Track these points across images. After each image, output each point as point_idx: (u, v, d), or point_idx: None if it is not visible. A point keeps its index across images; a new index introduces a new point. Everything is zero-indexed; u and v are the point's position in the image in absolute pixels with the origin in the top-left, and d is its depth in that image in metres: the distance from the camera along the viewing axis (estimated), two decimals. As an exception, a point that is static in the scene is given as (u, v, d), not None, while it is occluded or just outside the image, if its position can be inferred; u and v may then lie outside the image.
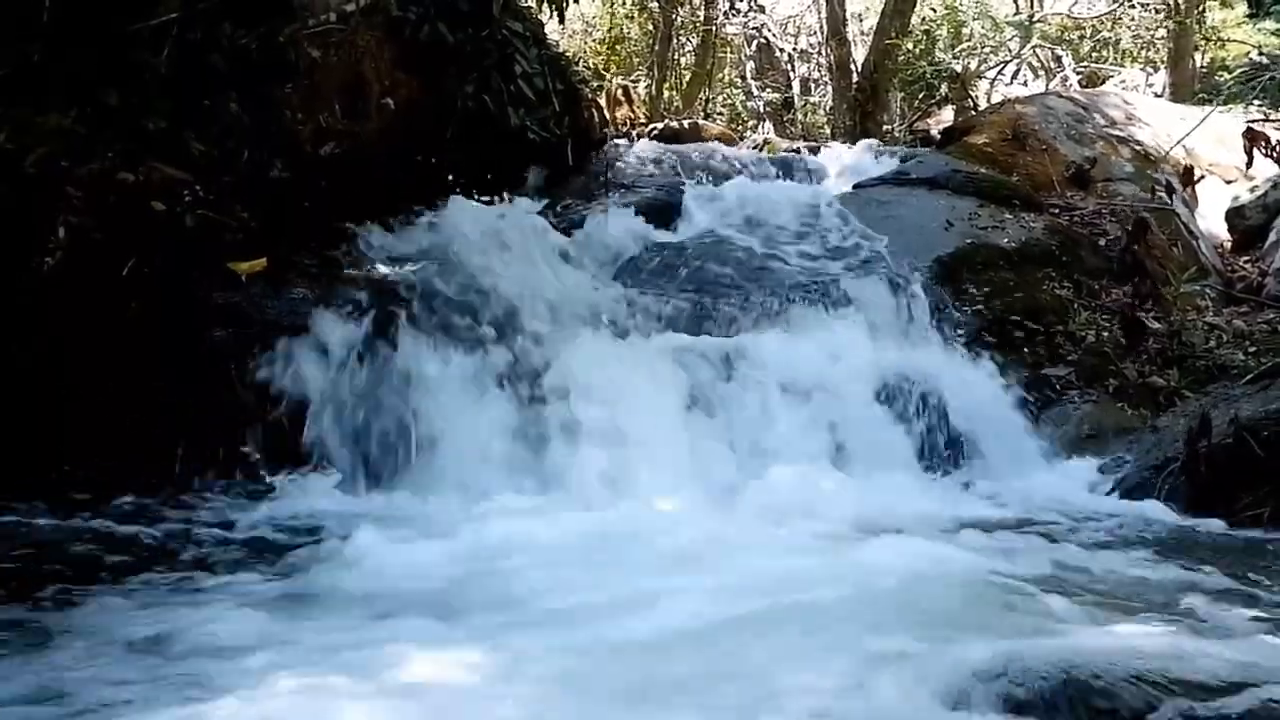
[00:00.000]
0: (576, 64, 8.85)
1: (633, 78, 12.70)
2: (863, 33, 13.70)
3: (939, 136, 8.39)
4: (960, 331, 5.09)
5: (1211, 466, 3.86)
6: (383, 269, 4.67)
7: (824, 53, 13.46)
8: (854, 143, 8.59)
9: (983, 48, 11.77)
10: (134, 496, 3.49)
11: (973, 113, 9.30)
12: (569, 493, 3.85)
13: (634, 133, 8.50)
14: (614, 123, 8.77)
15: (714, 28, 13.76)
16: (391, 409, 4.02)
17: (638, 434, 4.09)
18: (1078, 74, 12.18)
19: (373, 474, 3.91)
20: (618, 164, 6.84)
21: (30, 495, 3.31)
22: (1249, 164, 5.02)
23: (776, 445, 4.27)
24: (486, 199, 5.66)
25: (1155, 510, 3.86)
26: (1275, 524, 3.60)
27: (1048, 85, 11.73)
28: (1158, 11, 12.08)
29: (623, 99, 9.86)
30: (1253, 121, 7.46)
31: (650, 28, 14.05)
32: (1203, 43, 11.60)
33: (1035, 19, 12.18)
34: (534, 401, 4.22)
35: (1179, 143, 5.59)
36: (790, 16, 14.96)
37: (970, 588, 2.73)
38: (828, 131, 12.42)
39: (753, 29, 14.33)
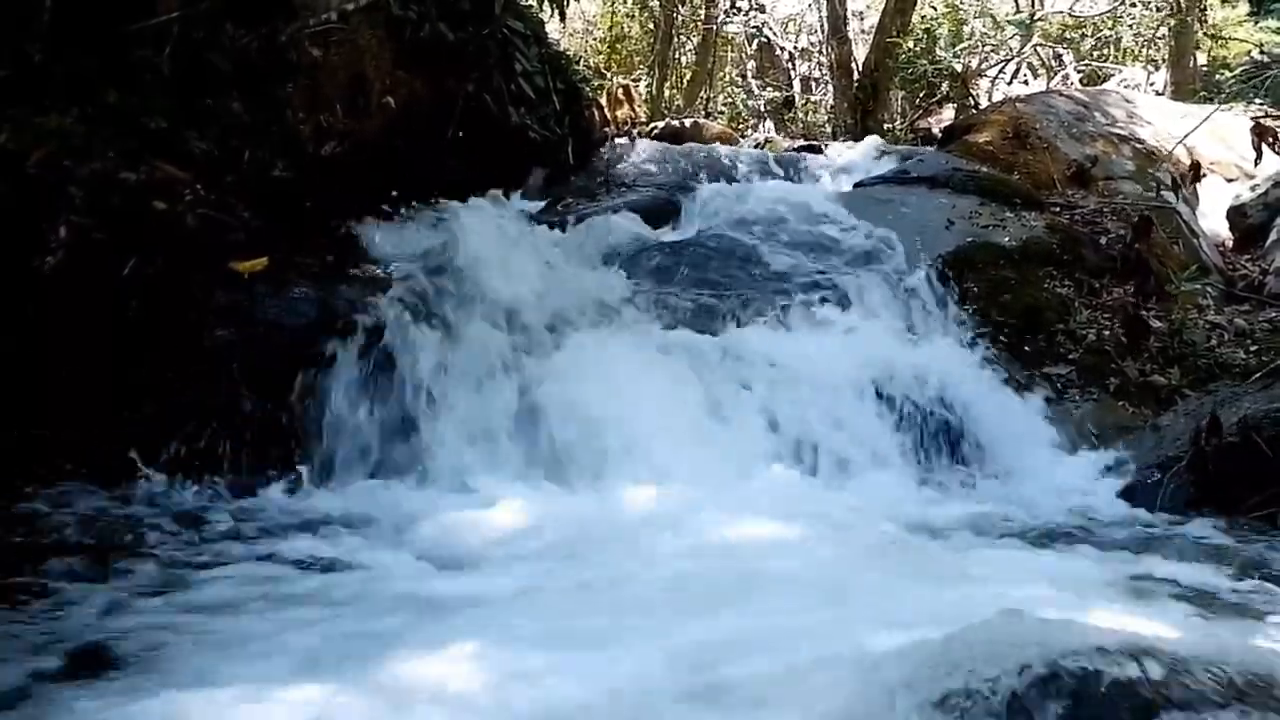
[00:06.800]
0: (577, 63, 8.86)
1: (633, 77, 12.71)
2: (863, 31, 13.70)
3: (940, 135, 8.39)
4: (961, 330, 5.08)
5: (1217, 466, 3.85)
6: (384, 268, 4.67)
7: (825, 51, 13.47)
8: (855, 141, 8.59)
9: (983, 46, 11.76)
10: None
11: (973, 111, 9.31)
12: (569, 484, 3.85)
13: (635, 132, 8.48)
14: (615, 122, 8.76)
15: (715, 26, 13.78)
16: (394, 405, 4.02)
17: (635, 429, 4.09)
18: (1079, 72, 12.19)
19: (373, 469, 3.91)
20: (619, 163, 6.84)
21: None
22: (1258, 159, 4.95)
23: (777, 441, 4.27)
24: (488, 197, 5.66)
25: (1158, 510, 3.85)
26: (1283, 524, 3.59)
27: (1049, 84, 11.71)
28: (1159, 10, 12.08)
29: (623, 98, 9.84)
30: (1259, 117, 7.42)
31: (651, 26, 14.07)
32: (1204, 41, 11.60)
33: (1036, 17, 12.16)
34: (535, 396, 4.22)
35: (1181, 142, 5.58)
36: (791, 15, 14.96)
37: (964, 584, 2.72)
38: (829, 130, 12.42)
39: (753, 28, 14.34)
